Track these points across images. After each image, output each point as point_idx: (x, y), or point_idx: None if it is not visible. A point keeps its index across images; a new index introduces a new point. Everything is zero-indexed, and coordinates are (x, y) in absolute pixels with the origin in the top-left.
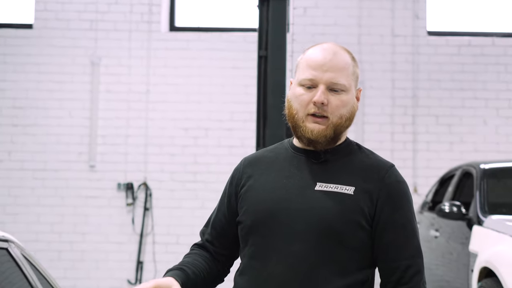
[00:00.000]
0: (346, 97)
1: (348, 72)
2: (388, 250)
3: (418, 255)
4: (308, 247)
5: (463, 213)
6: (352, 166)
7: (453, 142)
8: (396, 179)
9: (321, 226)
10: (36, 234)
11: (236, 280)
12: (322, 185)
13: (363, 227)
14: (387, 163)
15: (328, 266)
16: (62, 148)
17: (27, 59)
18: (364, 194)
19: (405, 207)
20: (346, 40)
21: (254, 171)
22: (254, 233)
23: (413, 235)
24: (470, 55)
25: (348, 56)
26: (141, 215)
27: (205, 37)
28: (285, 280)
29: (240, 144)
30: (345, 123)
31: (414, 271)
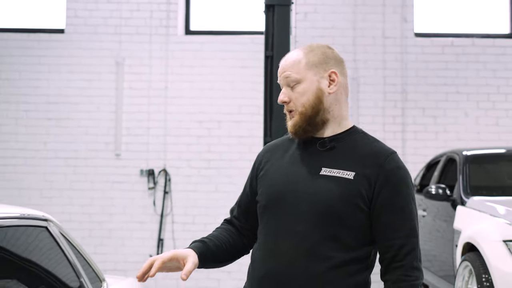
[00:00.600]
0: (302, 87)
1: (299, 66)
2: (385, 230)
3: (412, 234)
4: (311, 227)
5: (448, 195)
6: (354, 153)
7: (438, 132)
8: (396, 165)
9: (323, 208)
10: (69, 214)
11: (252, 256)
12: (326, 170)
13: (361, 209)
14: (388, 150)
15: (330, 244)
16: (91, 138)
17: (60, 60)
18: (363, 179)
19: (403, 192)
20: (342, 42)
21: (272, 157)
22: (267, 213)
23: (409, 217)
24: (453, 54)
25: (300, 52)
26: (161, 198)
27: (217, 39)
28: (291, 257)
29: (248, 135)
30: (309, 109)
31: (408, 249)
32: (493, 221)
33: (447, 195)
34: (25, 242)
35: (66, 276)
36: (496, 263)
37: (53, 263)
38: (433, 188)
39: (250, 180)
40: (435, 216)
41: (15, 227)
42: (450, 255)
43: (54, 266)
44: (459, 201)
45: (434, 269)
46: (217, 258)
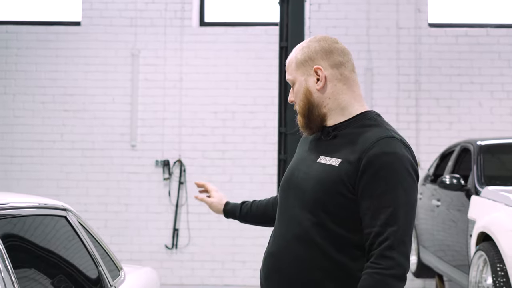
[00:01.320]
0: (296, 87)
1: (291, 67)
2: (365, 217)
3: (391, 223)
4: (303, 213)
5: (462, 185)
6: (351, 140)
7: (452, 122)
8: (382, 151)
9: (310, 194)
10: (85, 205)
11: None
12: (322, 158)
13: (345, 196)
14: (381, 135)
15: (318, 230)
16: (107, 130)
17: (76, 52)
18: (347, 165)
19: (385, 177)
20: (356, 32)
21: (298, 147)
22: (278, 196)
23: (389, 204)
24: (467, 44)
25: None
26: (176, 188)
27: (231, 31)
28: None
29: (262, 125)
30: (304, 108)
31: (383, 238)
32: (507, 210)
33: (462, 185)
34: (44, 231)
35: (85, 265)
36: (511, 253)
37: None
38: (447, 178)
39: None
40: (449, 206)
41: (34, 217)
42: (465, 244)
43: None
44: (473, 191)
45: (448, 259)
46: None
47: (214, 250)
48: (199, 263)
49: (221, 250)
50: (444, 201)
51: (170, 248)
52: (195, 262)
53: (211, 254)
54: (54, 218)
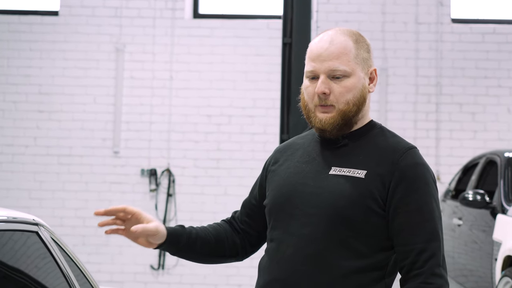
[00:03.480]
0: (350, 81)
1: (348, 56)
2: (401, 233)
3: (434, 238)
4: (318, 231)
5: (487, 202)
6: (368, 150)
7: (477, 131)
8: (413, 161)
9: (330, 210)
10: (61, 219)
11: (260, 261)
12: (336, 169)
13: (374, 211)
14: (406, 145)
15: (338, 250)
16: (87, 134)
17: (53, 46)
18: (376, 177)
19: (421, 190)
20: (370, 28)
21: (281, 157)
22: (273, 216)
23: (429, 218)
24: (495, 43)
25: (348, 39)
26: (164, 201)
27: (229, 24)
28: (296, 262)
29: (262, 131)
30: (353, 108)
31: (429, 255)
32: None
33: (486, 202)
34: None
35: (58, 286)
36: None
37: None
38: (470, 194)
39: (259, 182)
40: (472, 225)
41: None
42: (489, 269)
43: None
44: (499, 209)
45: (470, 285)
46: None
47: (205, 272)
48: (188, 286)
49: (214, 271)
50: (466, 220)
51: (156, 269)
52: (184, 285)
53: (202, 276)
54: (24, 234)
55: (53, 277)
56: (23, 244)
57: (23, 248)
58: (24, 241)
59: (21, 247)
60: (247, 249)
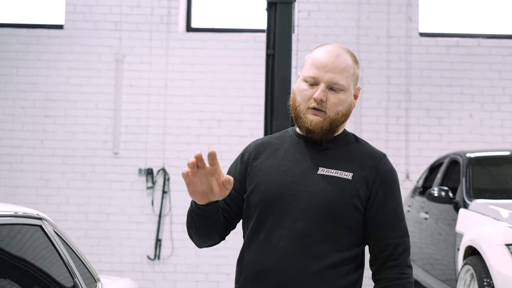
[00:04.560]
0: (344, 96)
1: (348, 73)
2: (380, 229)
3: (406, 234)
4: (310, 225)
5: (451, 197)
6: (349, 154)
7: (442, 133)
8: (389, 168)
9: (323, 207)
10: (65, 214)
11: (242, 251)
12: (324, 170)
13: (358, 209)
14: (380, 153)
15: (327, 242)
16: (89, 136)
17: (58, 56)
18: (361, 180)
19: (395, 193)
20: (346, 40)
21: (262, 154)
22: (260, 211)
23: (402, 218)
24: (458, 55)
25: (350, 59)
26: (159, 197)
27: (218, 37)
28: (288, 252)
29: (249, 134)
30: (341, 118)
31: (403, 249)
32: (496, 224)
33: (450, 197)
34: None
35: (60, 276)
36: (498, 267)
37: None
38: (435, 191)
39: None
40: (437, 219)
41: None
42: (452, 258)
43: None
44: (461, 204)
45: (436, 273)
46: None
47: (197, 262)
48: (182, 274)
49: (205, 261)
50: (432, 214)
51: (153, 259)
52: (178, 274)
53: (195, 265)
54: (30, 228)
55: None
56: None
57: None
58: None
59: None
60: (223, 234)
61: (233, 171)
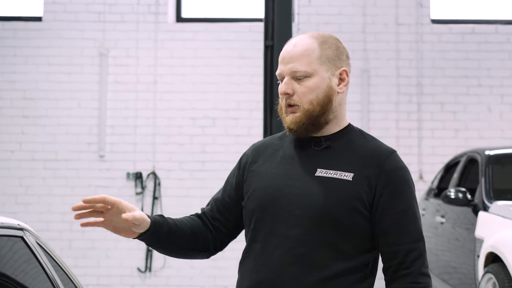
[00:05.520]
0: (312, 82)
1: (310, 57)
2: (388, 234)
3: (419, 239)
4: (305, 232)
5: (469, 199)
6: (352, 152)
7: (458, 129)
8: (396, 165)
9: (318, 212)
10: (47, 223)
11: (241, 262)
12: (322, 171)
13: (361, 213)
14: (388, 149)
15: (326, 250)
16: (72, 138)
17: (37, 51)
18: (363, 180)
19: (405, 193)
20: (350, 29)
21: (260, 157)
22: (256, 218)
23: (414, 220)
24: (474, 43)
25: (313, 41)
26: (150, 204)
27: (212, 27)
28: (282, 264)
29: (246, 133)
30: (317, 107)
31: (416, 255)
32: None
33: (468, 199)
34: None
35: None
36: None
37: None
38: (452, 192)
39: (236, 180)
40: (454, 223)
41: None
42: (472, 266)
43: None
44: (481, 206)
45: (454, 282)
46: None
47: (192, 273)
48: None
49: (200, 273)
50: (449, 217)
51: (143, 272)
52: (171, 287)
53: (189, 277)
54: (9, 239)
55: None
56: (9, 249)
57: (8, 253)
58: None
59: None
60: (216, 245)
61: (231, 177)
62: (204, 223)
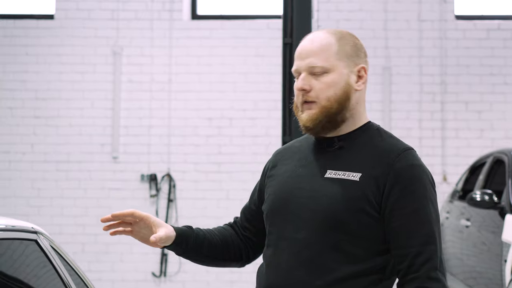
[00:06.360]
0: (330, 78)
1: (328, 53)
2: (398, 236)
3: (430, 242)
4: (313, 235)
5: (495, 202)
6: (365, 152)
7: (484, 129)
8: (408, 163)
9: (325, 214)
10: (60, 226)
11: (258, 267)
12: (332, 173)
13: (369, 214)
14: (402, 146)
15: (333, 253)
16: (85, 139)
17: (49, 50)
18: (370, 180)
19: (417, 192)
20: (372, 26)
21: (279, 161)
22: (270, 222)
23: (426, 220)
24: (500, 39)
25: (332, 37)
26: (165, 206)
27: (228, 25)
28: (291, 268)
29: (264, 133)
30: (335, 104)
31: (425, 258)
32: None
33: (494, 202)
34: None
35: None
36: None
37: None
38: (477, 194)
39: (259, 187)
40: (480, 226)
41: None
42: (498, 272)
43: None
44: (508, 209)
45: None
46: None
47: (208, 278)
48: None
49: (216, 277)
50: (474, 221)
51: (158, 276)
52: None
53: (205, 282)
54: (23, 242)
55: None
56: (22, 252)
57: (22, 257)
58: (23, 250)
59: (20, 255)
60: (249, 255)
61: (257, 185)
62: (237, 233)
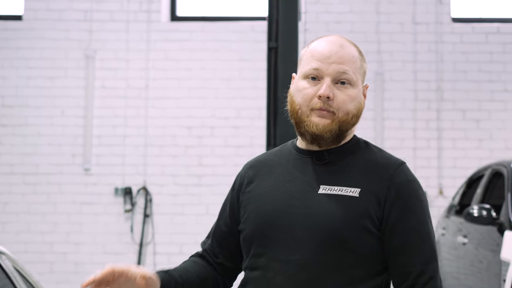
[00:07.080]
0: (353, 91)
1: (355, 65)
2: (399, 254)
3: (431, 260)
4: (310, 256)
5: (494, 217)
6: (358, 166)
7: (482, 139)
8: (406, 178)
9: (324, 233)
10: (26, 244)
11: None
12: (326, 188)
13: (370, 232)
14: (396, 160)
15: (333, 275)
16: (55, 150)
17: (16, 53)
18: (370, 196)
19: (416, 208)
20: (363, 29)
21: (256, 176)
22: (255, 243)
23: (426, 238)
24: (499, 43)
25: (355, 50)
26: (140, 222)
27: (209, 27)
28: None
29: (248, 144)
30: (352, 120)
31: (428, 277)
32: None
33: (493, 217)
34: None
35: None
36: None
37: None
38: (475, 209)
39: (230, 205)
40: (478, 244)
41: None
42: None
43: None
44: (507, 225)
45: None
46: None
47: None
48: None
49: None
50: (472, 237)
51: None
52: None
53: None
54: None
55: None
56: None
57: None
58: None
59: None
60: (226, 282)
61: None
62: (209, 263)
